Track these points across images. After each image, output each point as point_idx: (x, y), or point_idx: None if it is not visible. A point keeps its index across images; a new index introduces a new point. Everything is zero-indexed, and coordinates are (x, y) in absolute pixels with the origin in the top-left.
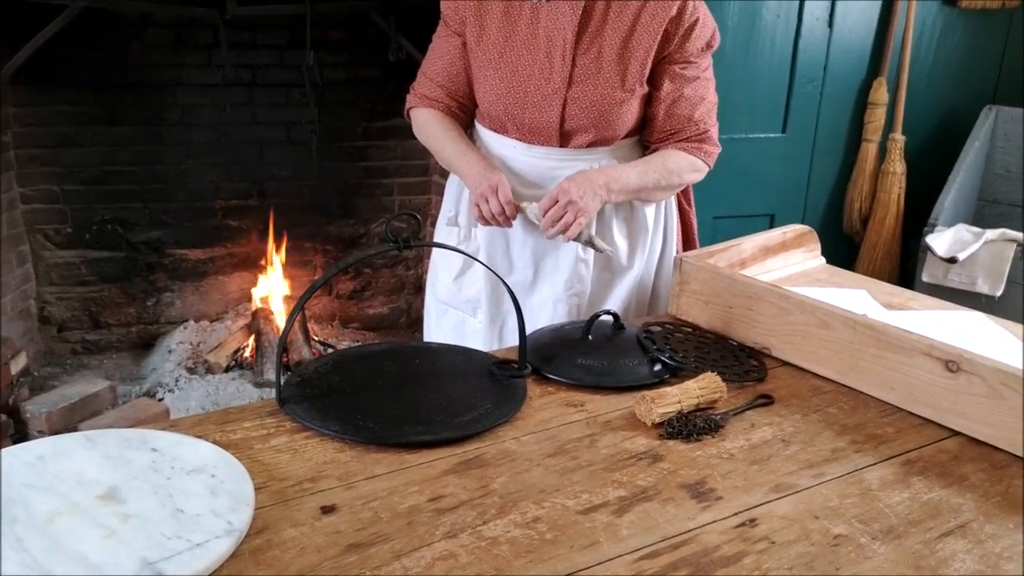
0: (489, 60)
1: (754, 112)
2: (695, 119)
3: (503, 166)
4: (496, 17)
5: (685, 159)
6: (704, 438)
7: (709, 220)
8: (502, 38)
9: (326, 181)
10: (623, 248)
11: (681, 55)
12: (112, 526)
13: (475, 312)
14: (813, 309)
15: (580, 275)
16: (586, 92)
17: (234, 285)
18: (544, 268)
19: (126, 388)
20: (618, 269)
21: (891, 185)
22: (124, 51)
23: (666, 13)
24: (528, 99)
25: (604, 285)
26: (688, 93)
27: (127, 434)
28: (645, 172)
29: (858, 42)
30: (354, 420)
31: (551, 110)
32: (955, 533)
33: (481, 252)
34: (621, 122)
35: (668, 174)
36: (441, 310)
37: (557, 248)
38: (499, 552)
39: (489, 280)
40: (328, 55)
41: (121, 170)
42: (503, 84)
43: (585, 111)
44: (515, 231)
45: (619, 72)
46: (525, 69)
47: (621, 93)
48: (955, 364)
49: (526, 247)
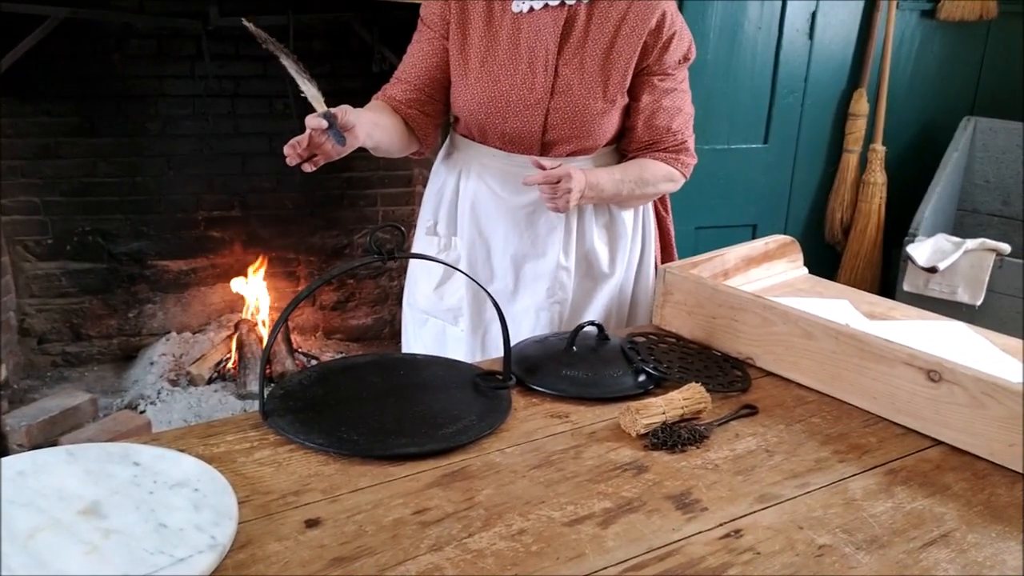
0: (471, 68)
1: (736, 123)
2: (673, 130)
3: (483, 174)
4: (478, 26)
5: (662, 169)
6: (689, 449)
7: (692, 231)
8: (484, 47)
9: (309, 192)
10: (604, 255)
11: (660, 67)
12: (94, 542)
13: (456, 321)
14: (796, 319)
15: (562, 283)
16: (568, 102)
17: (216, 296)
18: (525, 276)
19: (107, 401)
20: (600, 276)
21: (872, 195)
22: (106, 62)
23: (646, 25)
24: (510, 108)
25: (586, 293)
26: (666, 104)
27: (109, 448)
28: (621, 180)
29: (838, 53)
30: (338, 433)
31: (533, 120)
32: (938, 542)
33: (462, 261)
34: (602, 132)
35: (643, 184)
36: (421, 320)
37: (538, 257)
38: (484, 565)
39: (471, 288)
40: (311, 66)
41: (102, 181)
42: (485, 93)
43: (567, 121)
44: (496, 236)
45: (601, 83)
46: (507, 79)
47: (603, 104)
48: (937, 374)
49: (506, 255)
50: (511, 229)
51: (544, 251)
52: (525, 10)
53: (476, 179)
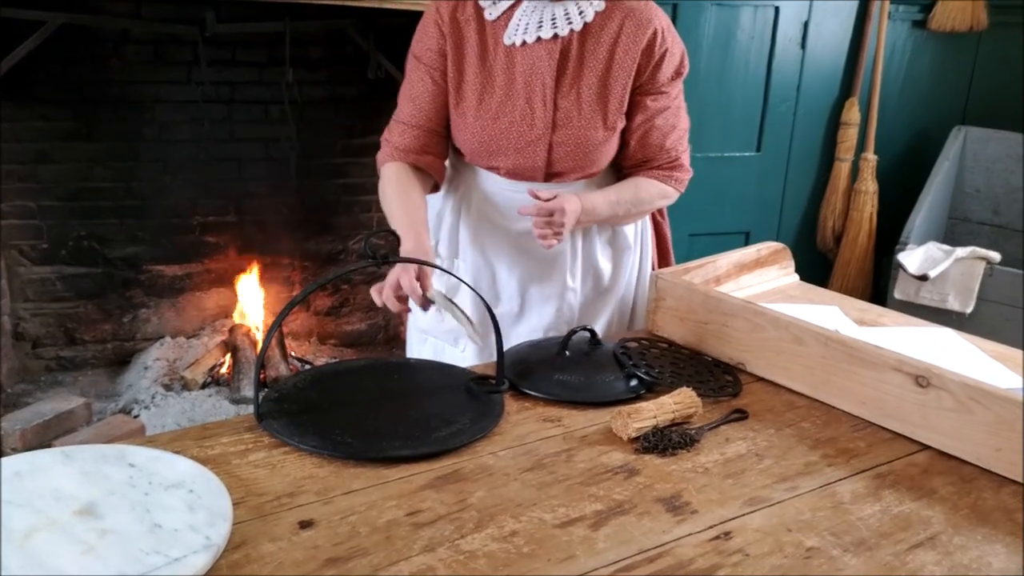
0: (468, 107)
1: (729, 131)
2: (666, 147)
3: (486, 198)
4: (473, 61)
5: (656, 187)
6: (679, 452)
7: (685, 237)
8: (480, 83)
9: (304, 198)
10: (608, 270)
11: (652, 86)
12: (90, 542)
13: (456, 342)
14: (787, 325)
15: (570, 303)
16: (570, 135)
17: (211, 302)
18: (531, 299)
19: (101, 405)
20: (604, 290)
21: (863, 204)
22: (102, 67)
23: (638, 47)
24: (511, 146)
25: (591, 306)
26: (659, 123)
27: (104, 450)
28: (617, 202)
29: (830, 63)
30: (332, 435)
31: (536, 155)
32: (925, 545)
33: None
34: (605, 158)
35: (639, 203)
36: (421, 338)
37: (544, 280)
38: (477, 566)
39: (475, 311)
40: (307, 72)
41: (98, 186)
42: (485, 132)
43: (571, 153)
44: (501, 260)
45: (600, 112)
46: (506, 116)
47: (604, 132)
48: (925, 379)
49: (512, 279)
50: (516, 254)
51: (550, 274)
52: (518, 43)
53: (479, 204)
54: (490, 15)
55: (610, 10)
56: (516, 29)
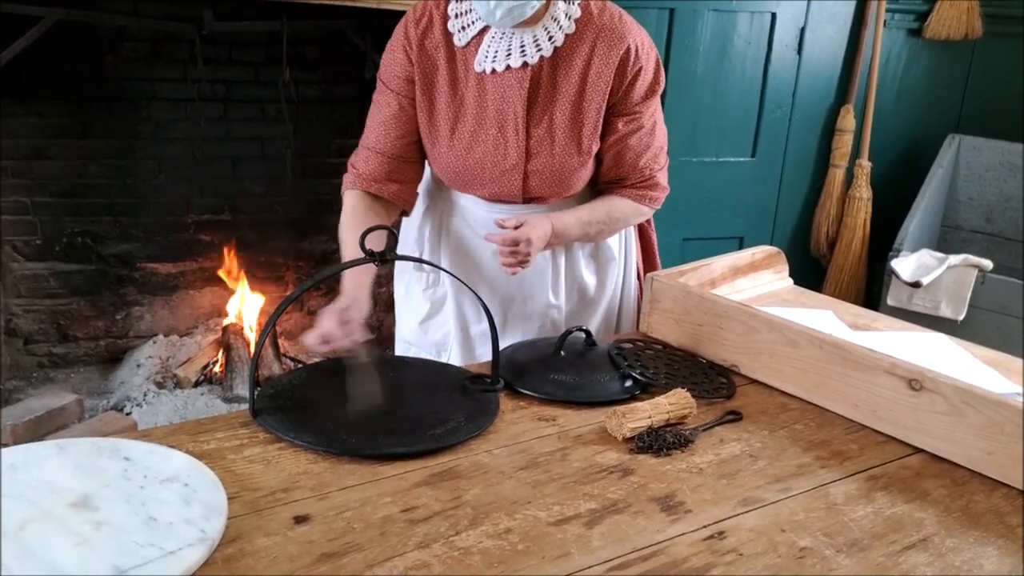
0: (441, 136)
1: (724, 136)
2: (640, 167)
3: (465, 219)
4: (443, 89)
5: (630, 206)
6: (674, 453)
7: (679, 242)
8: (452, 112)
9: (299, 197)
10: (592, 283)
11: (625, 107)
12: (84, 534)
13: (440, 355)
14: (781, 328)
15: (553, 319)
16: (544, 163)
17: (204, 300)
18: (515, 317)
19: (93, 402)
20: (590, 302)
21: (857, 210)
22: (98, 64)
23: (611, 68)
24: (486, 175)
25: (576, 317)
26: (632, 143)
27: (99, 443)
28: (588, 222)
29: (826, 70)
30: (328, 432)
31: (512, 183)
32: (917, 546)
33: (448, 301)
34: (582, 181)
35: (612, 221)
36: (405, 347)
37: (526, 298)
38: (471, 562)
39: (459, 324)
40: (303, 72)
41: (93, 183)
42: (459, 162)
43: (547, 181)
44: (483, 280)
45: (574, 138)
46: (479, 146)
47: (579, 157)
48: (918, 382)
49: (495, 299)
50: (498, 274)
51: (533, 293)
52: (488, 71)
53: (458, 225)
54: (459, 41)
55: (581, 31)
56: (485, 56)
